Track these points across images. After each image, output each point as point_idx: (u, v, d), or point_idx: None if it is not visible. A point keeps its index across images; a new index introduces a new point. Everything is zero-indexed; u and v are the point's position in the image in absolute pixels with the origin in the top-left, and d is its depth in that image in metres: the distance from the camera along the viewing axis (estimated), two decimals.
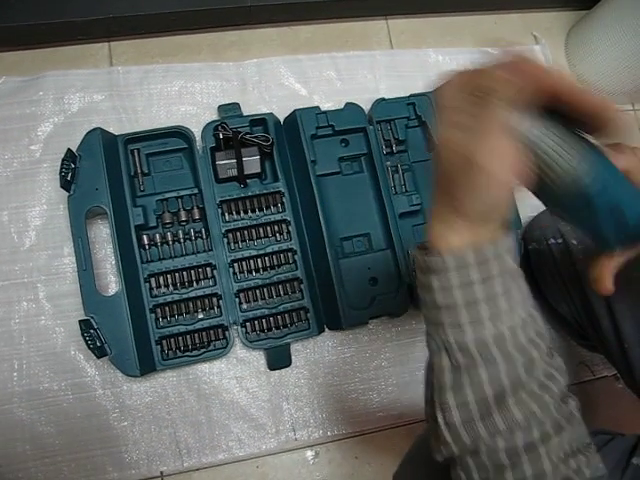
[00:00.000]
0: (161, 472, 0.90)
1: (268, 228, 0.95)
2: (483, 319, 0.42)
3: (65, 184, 0.86)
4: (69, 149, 0.87)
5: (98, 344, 0.82)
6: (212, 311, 0.91)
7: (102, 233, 0.94)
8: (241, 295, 0.92)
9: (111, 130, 0.93)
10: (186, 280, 0.91)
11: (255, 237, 0.94)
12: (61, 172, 0.85)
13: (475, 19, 1.17)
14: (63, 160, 0.85)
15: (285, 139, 0.97)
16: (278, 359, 0.93)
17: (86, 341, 0.81)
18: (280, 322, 0.92)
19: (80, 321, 0.82)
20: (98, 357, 0.82)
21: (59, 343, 0.90)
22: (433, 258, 0.43)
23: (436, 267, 0.43)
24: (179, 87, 1.02)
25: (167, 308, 0.90)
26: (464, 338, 0.42)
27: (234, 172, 0.92)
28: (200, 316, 0.91)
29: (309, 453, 0.95)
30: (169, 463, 0.90)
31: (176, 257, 0.91)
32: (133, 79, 1.01)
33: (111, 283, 0.93)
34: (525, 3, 1.19)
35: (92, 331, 0.82)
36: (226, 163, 0.92)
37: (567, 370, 0.44)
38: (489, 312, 0.42)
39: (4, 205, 0.93)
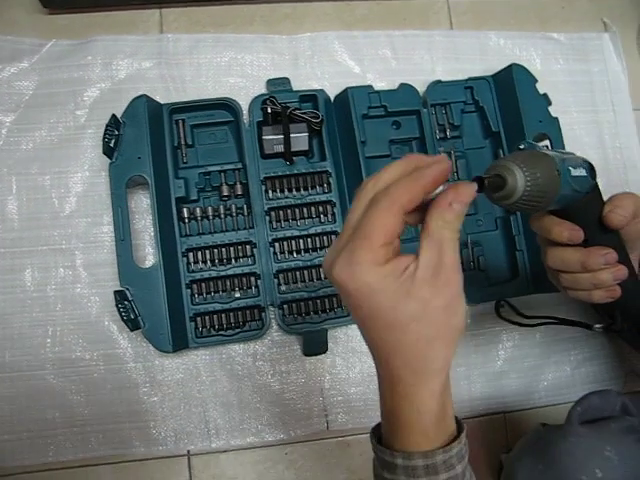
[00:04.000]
0: (188, 451, 0.88)
1: (312, 208, 0.91)
2: None
3: (108, 150, 0.83)
4: (114, 115, 0.84)
5: (132, 316, 0.80)
6: (249, 291, 0.88)
7: (142, 204, 0.92)
8: (280, 276, 0.89)
9: (157, 99, 0.90)
10: (225, 257, 0.88)
11: (298, 217, 0.90)
12: (104, 138, 0.83)
13: (542, 2, 1.10)
14: (107, 126, 0.83)
15: (335, 117, 0.93)
16: (314, 345, 0.89)
17: (120, 312, 0.79)
18: (319, 307, 0.88)
19: (115, 292, 0.80)
20: (131, 330, 0.80)
21: (93, 312, 0.89)
22: (385, 455, 0.45)
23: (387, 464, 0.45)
24: (229, 58, 0.98)
25: (203, 284, 0.88)
26: None
27: (280, 148, 0.89)
28: (237, 295, 0.88)
29: (340, 443, 0.92)
30: (197, 442, 0.88)
31: (216, 233, 0.88)
32: (183, 48, 0.98)
33: (148, 255, 0.91)
34: None
35: (126, 302, 0.80)
36: (273, 138, 0.89)
37: None
38: None
39: (47, 169, 0.92)
